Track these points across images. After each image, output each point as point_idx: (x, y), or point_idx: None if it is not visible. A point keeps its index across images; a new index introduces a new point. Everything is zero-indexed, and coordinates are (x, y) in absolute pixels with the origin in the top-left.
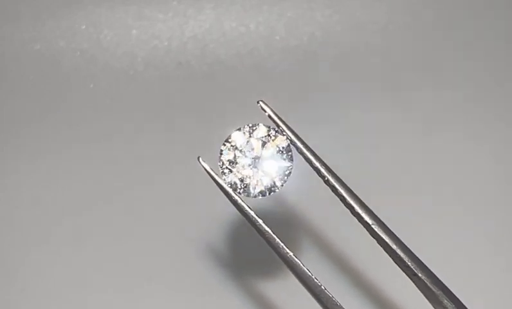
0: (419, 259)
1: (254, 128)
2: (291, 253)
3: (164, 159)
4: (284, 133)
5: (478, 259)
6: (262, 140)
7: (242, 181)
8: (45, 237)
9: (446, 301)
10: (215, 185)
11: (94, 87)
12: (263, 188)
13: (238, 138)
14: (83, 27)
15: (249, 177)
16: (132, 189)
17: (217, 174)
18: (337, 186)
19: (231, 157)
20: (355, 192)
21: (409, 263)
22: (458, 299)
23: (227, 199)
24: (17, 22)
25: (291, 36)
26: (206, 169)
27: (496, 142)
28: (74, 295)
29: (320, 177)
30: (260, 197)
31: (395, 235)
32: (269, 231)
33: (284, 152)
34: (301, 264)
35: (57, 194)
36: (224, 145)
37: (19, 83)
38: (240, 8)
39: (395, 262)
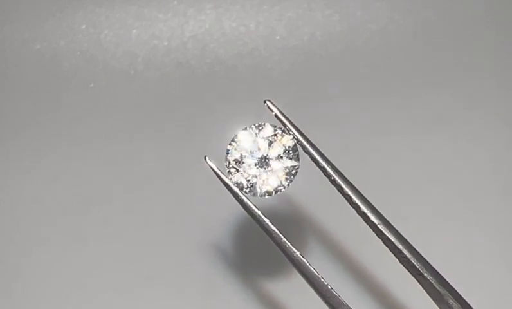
0: (424, 258)
1: (260, 128)
2: (298, 253)
3: (164, 159)
4: (291, 133)
5: (482, 259)
6: (268, 140)
7: (248, 180)
8: (46, 237)
9: (451, 301)
10: (217, 184)
11: (94, 87)
12: (269, 188)
13: (244, 137)
14: (83, 27)
15: (256, 177)
16: (133, 189)
17: (223, 174)
18: (343, 185)
19: (237, 156)
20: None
21: (415, 263)
22: (463, 298)
23: (231, 199)
24: (17, 22)
25: (291, 36)
26: (213, 169)
27: (496, 142)
28: (74, 295)
29: (326, 177)
30: (266, 196)
31: (401, 235)
32: (276, 230)
33: (290, 151)
34: (307, 263)
35: (57, 194)
36: (231, 144)
37: (19, 83)
38: (240, 8)
39: (401, 262)
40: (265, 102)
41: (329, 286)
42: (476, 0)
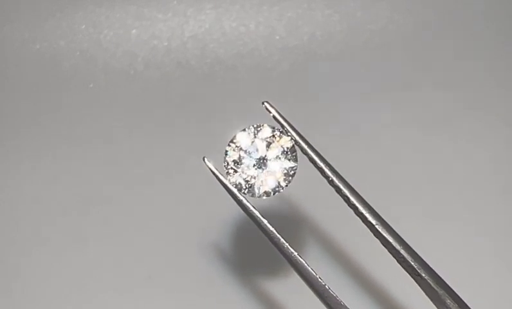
0: (422, 259)
1: (259, 129)
2: (296, 253)
3: (164, 159)
4: (289, 134)
5: (480, 259)
6: (266, 141)
7: (247, 181)
8: (46, 237)
9: (449, 301)
10: (216, 185)
11: (94, 87)
12: (268, 189)
13: (243, 138)
14: (83, 27)
15: (254, 178)
16: (132, 189)
17: (221, 174)
18: (341, 186)
19: (236, 157)
20: (357, 192)
21: (412, 263)
22: (461, 298)
23: (230, 199)
24: (17, 22)
25: (291, 36)
26: (211, 169)
27: (496, 142)
28: (74, 295)
29: (324, 178)
30: (264, 197)
31: (399, 236)
32: (274, 231)
33: (289, 152)
34: (305, 264)
35: (57, 194)
36: (229, 145)
37: (19, 83)
38: (240, 8)
39: (399, 262)
40: (263, 103)
41: (326, 287)
42: (476, 0)
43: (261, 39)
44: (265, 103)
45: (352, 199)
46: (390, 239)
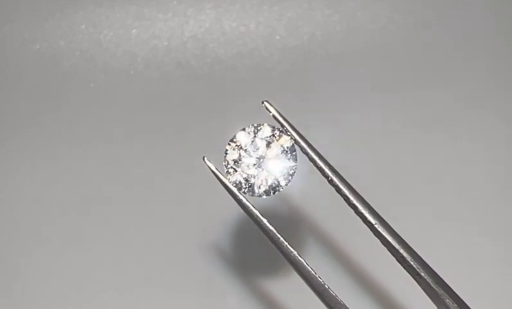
0: (421, 258)
1: (259, 128)
2: (295, 252)
3: (164, 159)
4: (288, 133)
5: (479, 258)
6: (266, 140)
7: (247, 180)
8: (46, 237)
9: (448, 300)
10: (216, 184)
11: (94, 87)
12: (267, 188)
13: (243, 137)
14: (83, 27)
15: (254, 177)
16: (132, 189)
17: (221, 174)
18: (341, 186)
19: (236, 157)
20: (357, 191)
21: (412, 263)
22: (460, 298)
23: (230, 199)
24: (17, 22)
25: (291, 36)
26: (211, 169)
27: (496, 142)
28: (74, 295)
29: (323, 177)
30: (264, 196)
31: (399, 235)
32: (274, 230)
33: (288, 152)
34: (304, 263)
35: (57, 194)
36: (229, 144)
37: (19, 83)
38: (240, 8)
39: (398, 262)
40: (263, 102)
41: (326, 286)
42: (476, 0)
43: (261, 39)
44: (265, 103)
45: (352, 198)
46: (390, 239)
